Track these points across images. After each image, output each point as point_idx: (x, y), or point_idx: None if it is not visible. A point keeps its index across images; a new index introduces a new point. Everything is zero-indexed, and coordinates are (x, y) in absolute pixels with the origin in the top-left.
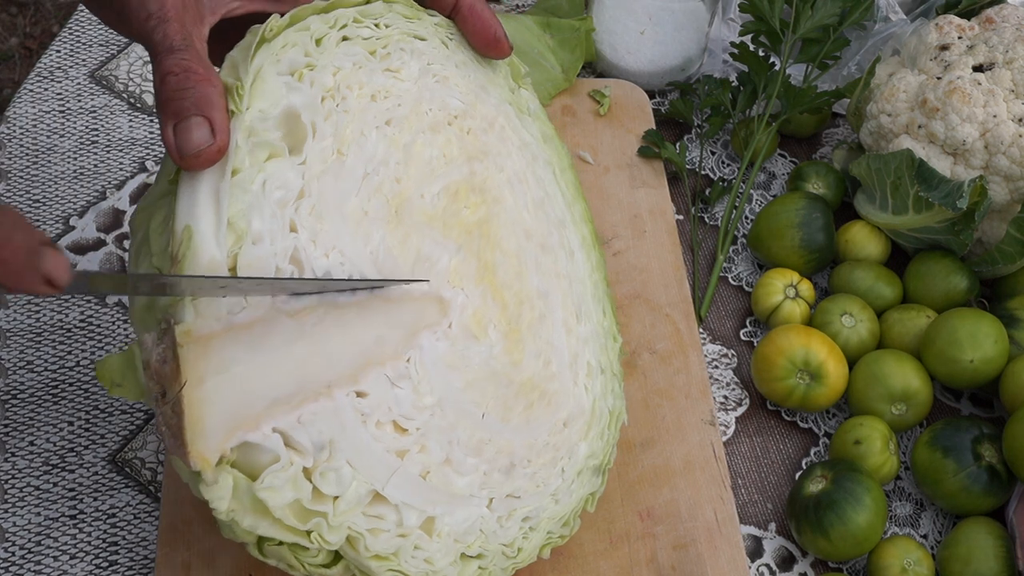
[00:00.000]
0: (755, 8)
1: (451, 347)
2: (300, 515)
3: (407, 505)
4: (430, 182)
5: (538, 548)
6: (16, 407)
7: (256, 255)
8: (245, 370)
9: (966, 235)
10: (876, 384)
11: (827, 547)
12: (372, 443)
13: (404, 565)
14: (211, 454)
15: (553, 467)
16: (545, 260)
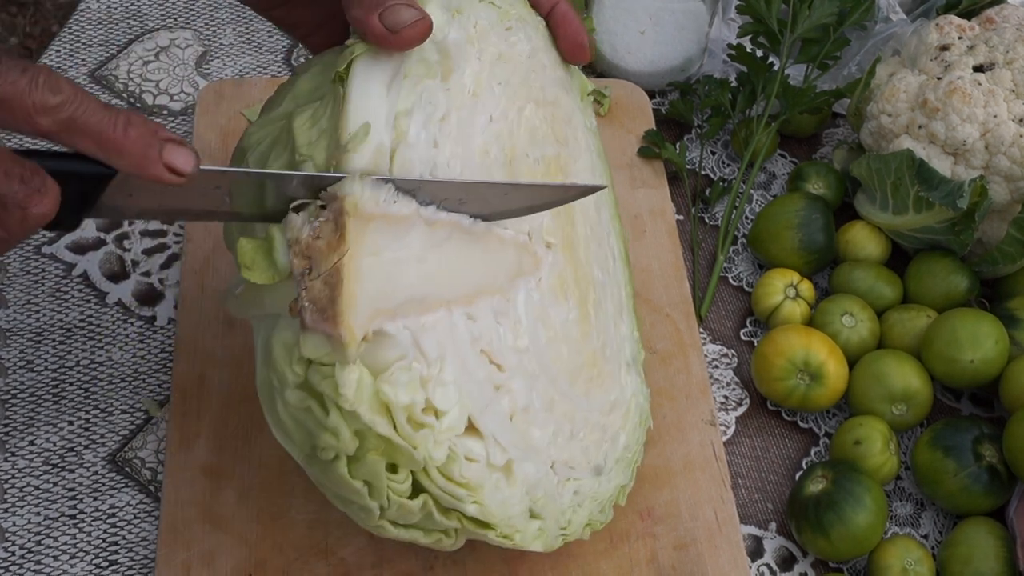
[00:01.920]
0: (752, 9)
1: (540, 300)
2: (411, 423)
3: (495, 442)
4: (533, 147)
5: (582, 526)
6: (16, 407)
7: (408, 157)
8: (392, 260)
9: (966, 235)
10: (876, 384)
11: (827, 547)
12: (476, 369)
13: (488, 499)
14: (359, 329)
15: (599, 448)
16: (600, 254)
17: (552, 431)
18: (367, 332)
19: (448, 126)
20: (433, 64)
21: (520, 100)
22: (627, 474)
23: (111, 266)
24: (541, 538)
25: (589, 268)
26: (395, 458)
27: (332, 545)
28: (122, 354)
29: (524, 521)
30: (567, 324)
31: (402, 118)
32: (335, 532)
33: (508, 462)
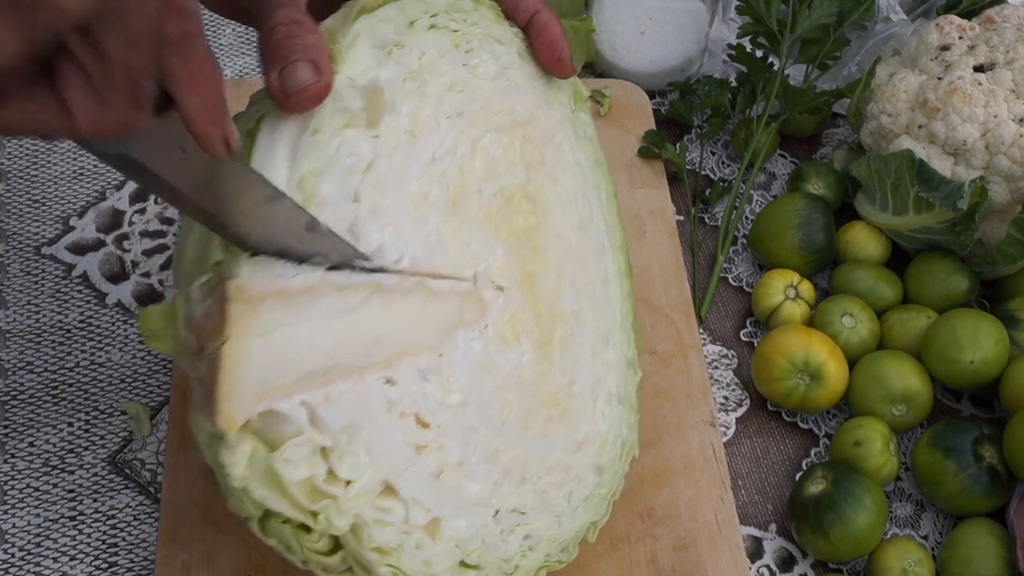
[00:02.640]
0: (752, 9)
1: (484, 349)
2: (311, 494)
3: (417, 502)
4: (490, 180)
5: (535, 569)
6: (16, 408)
7: (320, 217)
8: (287, 336)
9: (966, 235)
10: (876, 385)
11: (827, 548)
12: (394, 433)
13: (403, 563)
14: (239, 416)
15: (561, 488)
16: (581, 280)
17: (494, 481)
18: (251, 415)
19: (375, 175)
20: (356, 112)
21: (476, 130)
22: (600, 510)
23: (111, 267)
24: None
25: (556, 301)
26: (303, 528)
27: None
28: (122, 355)
29: (454, 574)
30: (519, 368)
31: (309, 178)
32: None
33: (434, 520)
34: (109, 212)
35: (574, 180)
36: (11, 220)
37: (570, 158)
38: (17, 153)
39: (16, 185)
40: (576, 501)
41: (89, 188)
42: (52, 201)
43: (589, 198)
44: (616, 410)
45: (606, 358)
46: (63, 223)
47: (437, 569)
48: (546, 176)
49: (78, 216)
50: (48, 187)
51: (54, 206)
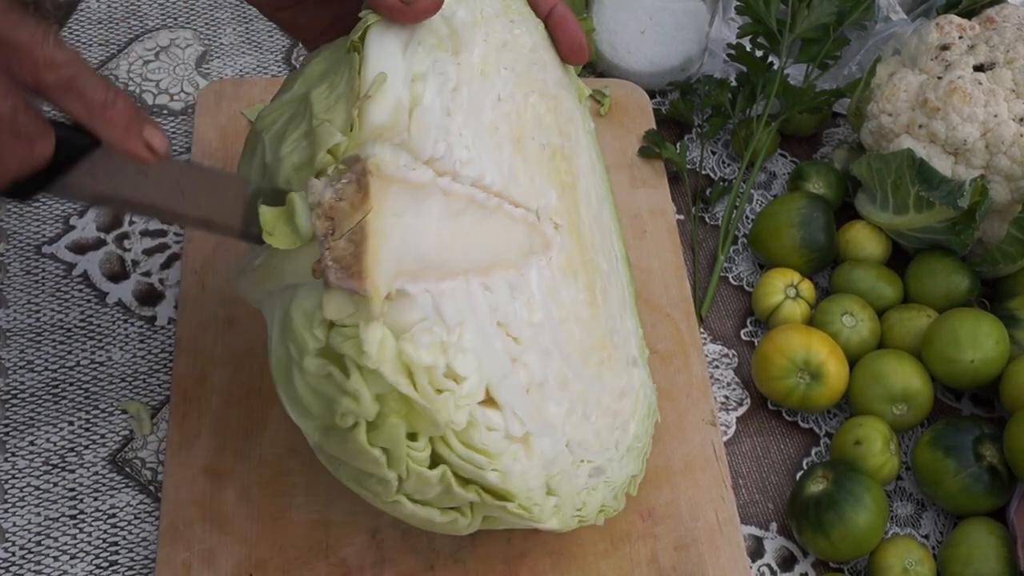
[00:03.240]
0: (751, 9)
1: (552, 278)
2: (434, 385)
3: (513, 413)
4: (538, 132)
5: (596, 510)
6: (16, 407)
7: (425, 120)
8: (412, 224)
9: (967, 235)
10: (877, 384)
11: (828, 547)
12: (494, 339)
13: (507, 469)
14: (383, 286)
15: (612, 433)
16: (604, 246)
17: (566, 409)
18: (391, 290)
19: (460, 97)
20: (444, 37)
21: (526, 87)
22: (637, 464)
23: (111, 266)
24: (557, 515)
25: (594, 255)
26: (415, 424)
27: (332, 545)
28: (122, 354)
29: (542, 496)
30: (577, 304)
31: (417, 81)
32: (336, 532)
33: (526, 435)
34: (110, 211)
35: (589, 160)
36: (11, 219)
37: (584, 141)
38: None
39: None
40: (622, 448)
41: None
42: (52, 200)
43: (601, 183)
44: (641, 372)
45: (628, 324)
46: (63, 222)
47: (531, 484)
48: (573, 148)
49: (78, 215)
50: None
51: (54, 205)
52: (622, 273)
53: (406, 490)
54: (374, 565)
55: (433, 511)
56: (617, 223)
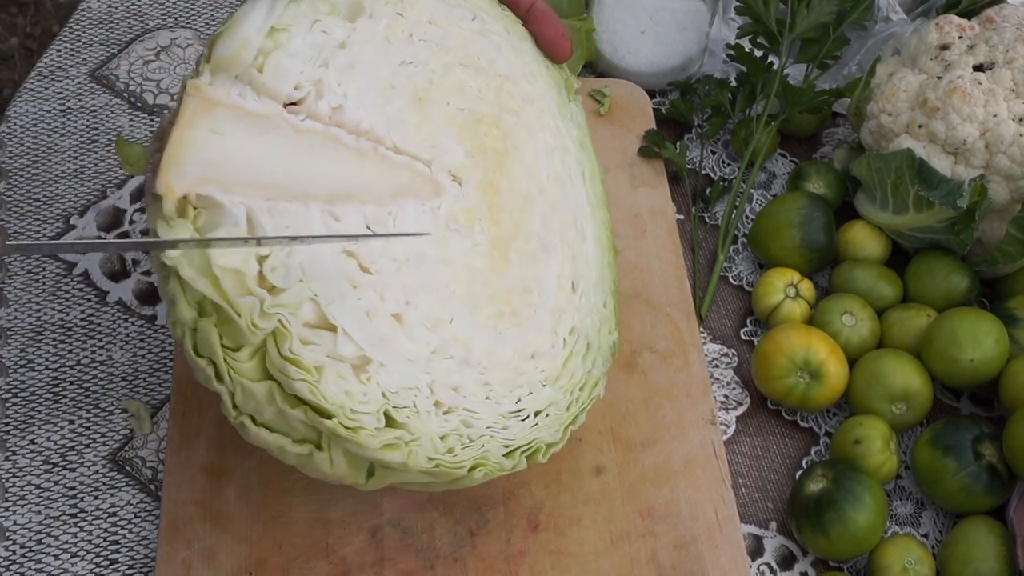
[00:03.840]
0: (751, 9)
1: (433, 222)
2: (238, 288)
3: (346, 335)
4: (459, 98)
5: (472, 461)
6: (17, 406)
7: (284, 64)
8: (237, 145)
9: (966, 234)
10: (876, 383)
11: (827, 546)
12: (332, 262)
13: (323, 386)
14: (177, 186)
15: (511, 390)
16: (553, 220)
17: (432, 349)
18: (190, 192)
19: (347, 53)
20: (338, 5)
21: (451, 58)
22: (554, 432)
23: (112, 265)
24: (398, 449)
25: (523, 219)
26: (228, 331)
27: (332, 544)
28: (123, 353)
29: (373, 423)
30: (470, 252)
31: (281, 32)
32: (335, 531)
33: (363, 358)
34: (110, 211)
35: (555, 143)
36: (12, 218)
37: (551, 125)
38: (18, 152)
39: (17, 184)
40: (527, 411)
41: (90, 187)
42: (53, 200)
43: (570, 168)
44: (580, 345)
45: (574, 299)
46: (64, 221)
47: (359, 407)
48: (523, 124)
49: (79, 215)
50: (49, 186)
51: (55, 205)
52: (591, 251)
53: (246, 409)
54: (374, 564)
55: (283, 439)
56: (605, 209)
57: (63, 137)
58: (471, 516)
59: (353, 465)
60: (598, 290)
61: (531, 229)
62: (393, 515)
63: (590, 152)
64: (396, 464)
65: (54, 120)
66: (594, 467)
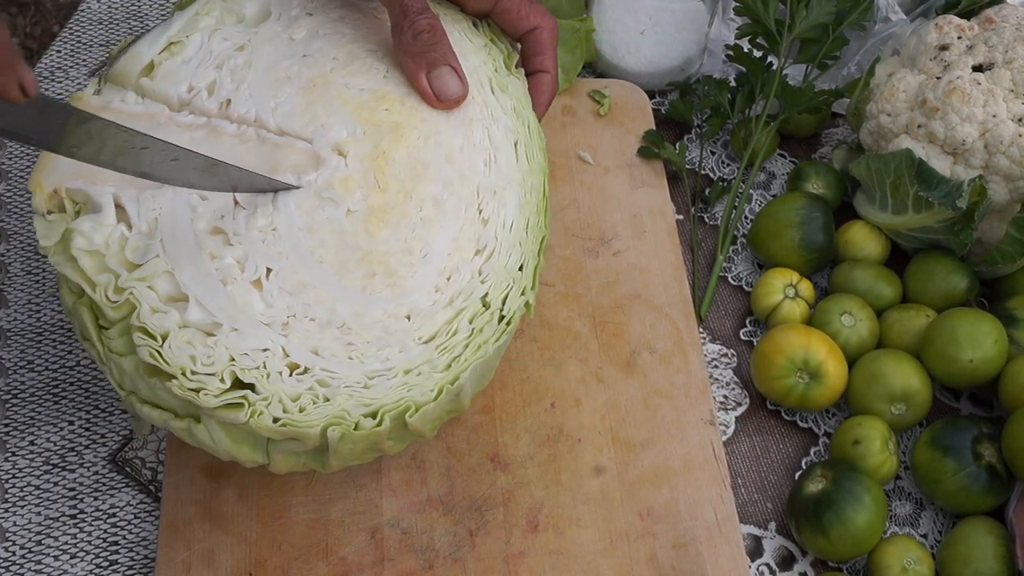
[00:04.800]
0: (750, 10)
1: (306, 192)
2: (97, 267)
3: (198, 302)
4: (363, 80)
5: (325, 420)
6: (17, 406)
7: (175, 70)
8: None
9: (966, 235)
10: (875, 384)
11: (827, 547)
12: (191, 236)
13: (166, 350)
14: (47, 184)
15: (379, 350)
16: (461, 186)
17: (292, 312)
18: (59, 187)
19: (244, 54)
20: (246, 15)
21: (356, 47)
22: (426, 391)
23: None
24: (240, 409)
25: (416, 185)
26: (98, 311)
27: (332, 544)
28: None
29: (217, 383)
30: (339, 219)
31: (175, 44)
32: (335, 531)
33: (213, 324)
34: None
35: (478, 115)
36: (12, 220)
37: (477, 98)
38: (18, 153)
39: (17, 185)
40: (396, 370)
41: None
42: None
43: (497, 137)
44: (472, 304)
45: (479, 263)
46: None
47: (202, 368)
48: None
49: None
50: None
51: None
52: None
53: (126, 386)
54: (373, 564)
55: (166, 414)
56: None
57: None
58: (470, 516)
59: (239, 439)
60: (513, 253)
61: (426, 194)
62: (393, 515)
63: (527, 120)
64: (240, 423)
65: None
66: (593, 467)
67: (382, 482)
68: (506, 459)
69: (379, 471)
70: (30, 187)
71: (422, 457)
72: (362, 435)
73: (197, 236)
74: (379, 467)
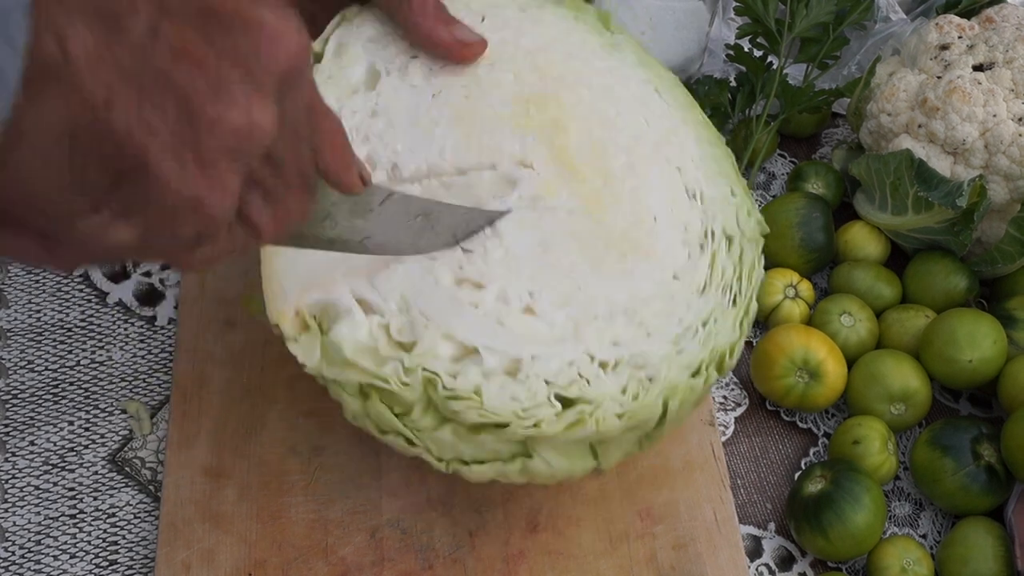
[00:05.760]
0: (750, 10)
1: (520, 212)
2: (376, 361)
3: (488, 348)
4: (499, 94)
5: (660, 396)
6: (16, 407)
7: None
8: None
9: (965, 235)
10: (875, 384)
11: (826, 547)
12: (443, 295)
13: (488, 402)
14: (287, 309)
15: (669, 316)
16: (639, 147)
17: (575, 320)
18: (299, 307)
19: (380, 119)
20: (355, 82)
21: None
22: (729, 331)
23: (112, 266)
24: (583, 423)
25: (604, 161)
26: (393, 400)
27: (332, 544)
28: (123, 354)
29: (550, 410)
30: (565, 221)
31: None
32: (335, 531)
33: (513, 361)
34: None
35: (609, 81)
36: None
37: (599, 66)
38: None
39: None
40: (692, 326)
41: None
42: None
43: (639, 90)
44: (719, 241)
45: (698, 205)
46: None
47: (529, 403)
48: (568, 83)
49: None
50: None
51: None
52: (696, 157)
53: (448, 456)
54: (373, 564)
55: (497, 465)
56: (689, 112)
57: None
58: (470, 517)
59: (571, 455)
60: (718, 184)
61: (618, 166)
62: (392, 516)
63: (654, 65)
64: (589, 434)
65: None
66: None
67: (382, 482)
68: None
69: (379, 471)
70: (273, 320)
71: (422, 457)
72: (694, 395)
73: (448, 293)
74: (379, 467)
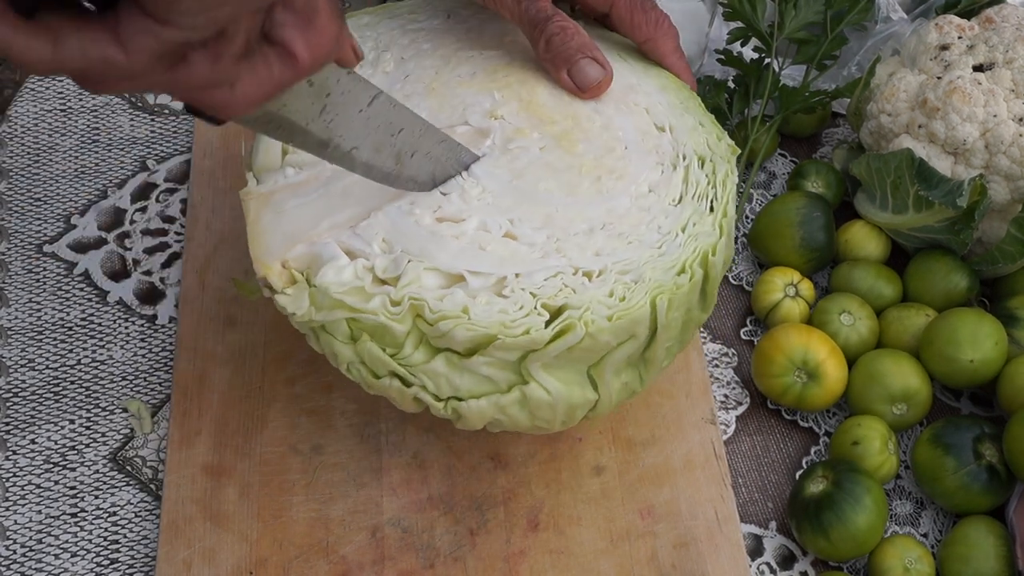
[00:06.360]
0: (738, 13)
1: (493, 155)
2: (363, 297)
3: (472, 272)
4: (467, 67)
5: (648, 296)
6: (17, 405)
7: None
8: (300, 208)
9: (966, 234)
10: (875, 384)
11: (827, 547)
12: (424, 233)
13: (478, 318)
14: (273, 263)
15: (648, 224)
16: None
17: (556, 239)
18: (284, 259)
19: None
20: None
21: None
22: (709, 233)
23: (112, 265)
24: (572, 329)
25: (570, 109)
26: (384, 336)
27: (332, 543)
28: (123, 353)
29: (538, 319)
30: (537, 156)
31: None
32: (336, 530)
33: (498, 280)
34: (110, 210)
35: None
36: (12, 218)
37: None
38: (19, 151)
39: (18, 183)
40: (671, 231)
41: (90, 186)
42: (53, 199)
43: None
44: (691, 160)
45: (668, 135)
46: (64, 221)
47: (516, 314)
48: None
49: (79, 214)
50: (49, 185)
51: (55, 204)
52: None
53: (446, 393)
54: (374, 563)
55: (494, 397)
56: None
57: (64, 137)
58: (471, 515)
59: (569, 380)
60: (685, 119)
61: (586, 111)
62: (393, 514)
63: (613, 35)
64: (582, 342)
65: (55, 120)
66: (594, 467)
67: (383, 481)
68: (506, 458)
69: (380, 470)
70: (260, 273)
71: (423, 456)
72: (682, 295)
73: (430, 230)
74: (380, 466)
